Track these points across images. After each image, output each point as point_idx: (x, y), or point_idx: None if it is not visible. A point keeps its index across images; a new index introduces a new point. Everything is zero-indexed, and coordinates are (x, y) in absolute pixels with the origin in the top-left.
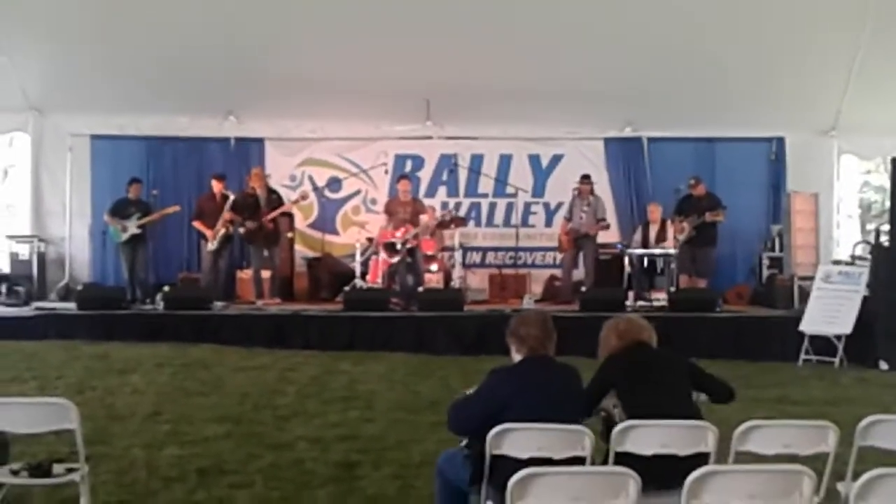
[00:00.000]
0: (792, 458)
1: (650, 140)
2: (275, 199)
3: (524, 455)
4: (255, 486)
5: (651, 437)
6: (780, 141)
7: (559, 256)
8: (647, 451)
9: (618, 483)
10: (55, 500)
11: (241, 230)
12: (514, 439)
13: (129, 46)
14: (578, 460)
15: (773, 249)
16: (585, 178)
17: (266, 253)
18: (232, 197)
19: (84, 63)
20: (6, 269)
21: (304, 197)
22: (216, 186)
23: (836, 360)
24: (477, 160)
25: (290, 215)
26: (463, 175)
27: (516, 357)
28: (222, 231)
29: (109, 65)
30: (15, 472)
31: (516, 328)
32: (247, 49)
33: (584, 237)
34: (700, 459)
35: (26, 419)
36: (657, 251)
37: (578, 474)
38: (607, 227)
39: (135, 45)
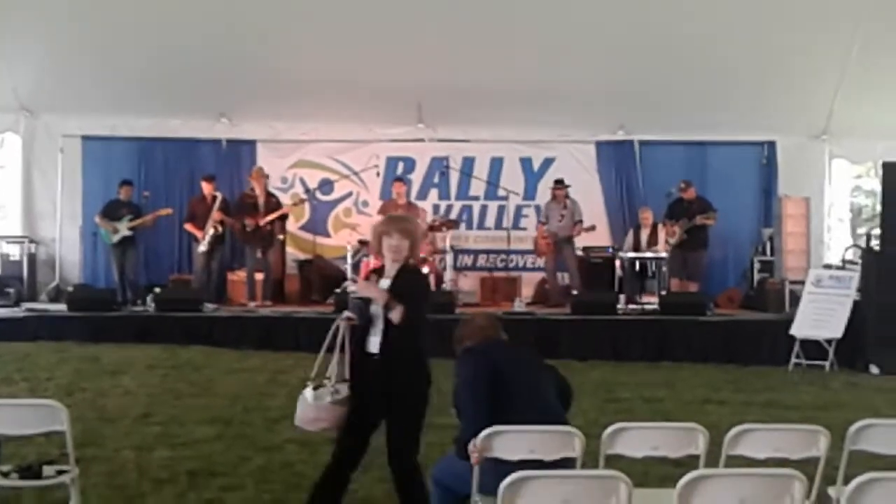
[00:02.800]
0: (783, 463)
1: (641, 143)
2: (273, 203)
3: (515, 457)
4: (245, 488)
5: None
6: (772, 145)
7: (541, 258)
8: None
9: (609, 486)
10: (45, 503)
11: (246, 225)
12: (505, 441)
13: (121, 47)
14: (569, 461)
15: (764, 253)
16: (559, 183)
17: (260, 255)
18: (220, 197)
19: (75, 64)
20: None
21: (301, 200)
22: (206, 188)
23: (827, 365)
24: (468, 163)
25: (283, 218)
26: (454, 178)
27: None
28: (211, 231)
29: (101, 66)
30: (5, 475)
31: (465, 328)
32: (239, 50)
33: (564, 240)
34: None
35: (16, 421)
36: (648, 255)
37: (569, 478)
38: (593, 228)
39: (126, 46)
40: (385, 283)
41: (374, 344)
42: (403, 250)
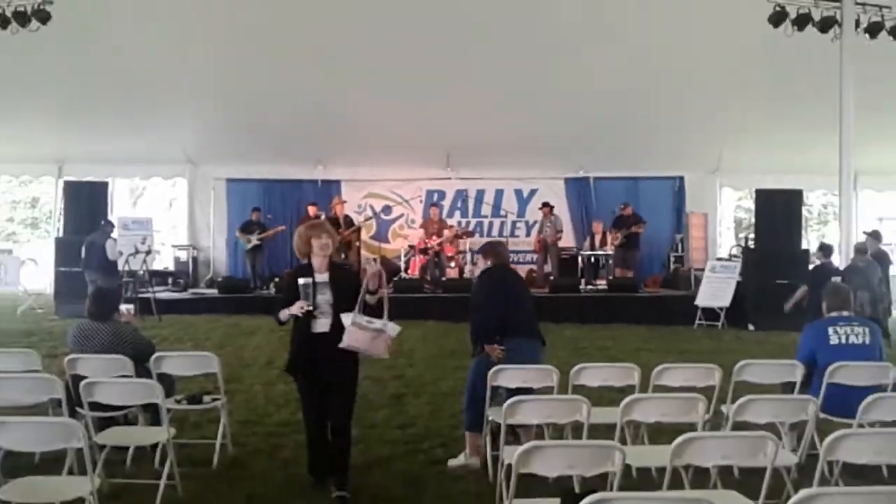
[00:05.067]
0: (691, 389)
1: (595, 178)
2: (349, 221)
3: (513, 385)
4: None
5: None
6: (681, 179)
7: (535, 256)
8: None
9: (576, 406)
10: (205, 420)
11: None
12: (507, 375)
13: (251, 120)
14: (549, 389)
15: (677, 250)
16: (545, 205)
17: (343, 256)
18: (322, 216)
19: (221, 131)
20: (172, 267)
21: (369, 219)
22: (311, 210)
23: (719, 324)
24: (480, 193)
25: (359, 231)
26: (471, 203)
27: (487, 263)
28: None
29: (238, 132)
30: (178, 402)
31: (496, 248)
32: (330, 120)
33: (550, 244)
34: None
35: (185, 366)
36: (600, 252)
37: (549, 400)
38: (561, 237)
39: (255, 119)
40: (322, 277)
41: (322, 325)
42: (330, 247)
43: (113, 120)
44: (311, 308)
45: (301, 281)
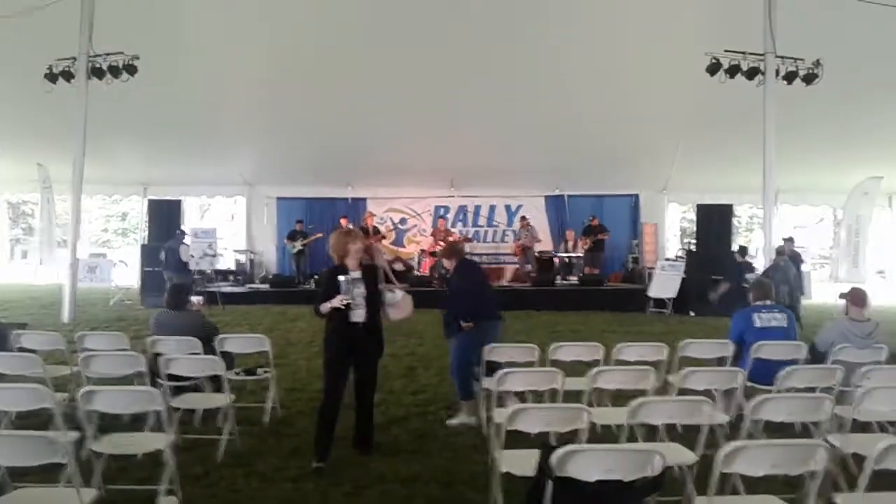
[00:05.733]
0: (644, 363)
1: (569, 196)
2: (376, 230)
3: (503, 360)
4: None
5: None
6: (636, 196)
7: (517, 258)
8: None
9: (552, 376)
10: (258, 388)
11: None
12: (496, 352)
13: (296, 149)
14: (532, 363)
15: (634, 253)
16: (523, 218)
17: (367, 258)
18: (353, 226)
19: (273, 157)
20: (233, 267)
21: (390, 230)
22: (343, 222)
23: (668, 311)
24: (478, 208)
25: (383, 238)
26: (470, 216)
27: (450, 263)
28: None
29: (287, 158)
30: (237, 374)
31: (454, 247)
32: (357, 149)
33: (527, 248)
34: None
35: (242, 346)
36: (572, 255)
37: (531, 372)
38: (539, 241)
39: (299, 148)
40: (356, 274)
41: (358, 316)
42: (362, 250)
43: (187, 150)
44: (350, 300)
45: (342, 278)
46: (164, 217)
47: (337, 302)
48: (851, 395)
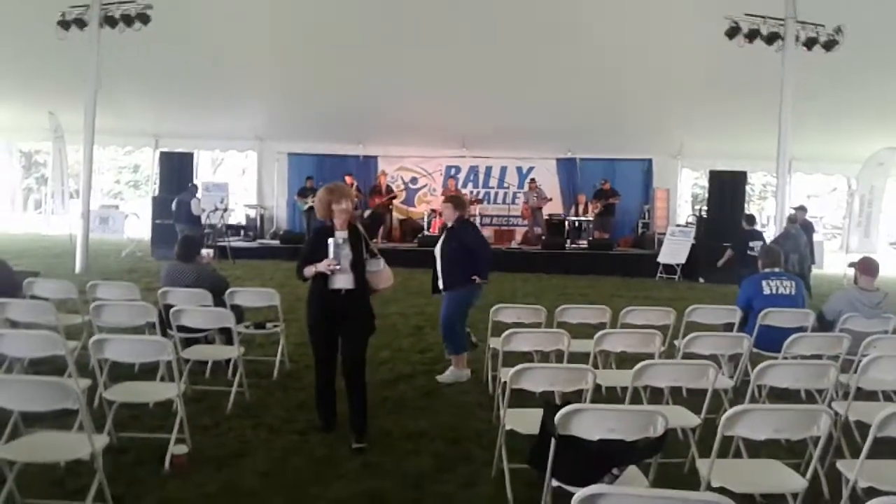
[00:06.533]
0: (650, 327)
1: (581, 159)
2: (388, 189)
3: (510, 321)
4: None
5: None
6: (650, 161)
7: (525, 221)
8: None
9: (559, 337)
10: (268, 342)
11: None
12: (505, 312)
13: (309, 104)
14: (539, 324)
15: (644, 218)
16: (532, 181)
17: (386, 216)
18: (355, 184)
19: (285, 112)
20: (244, 222)
21: (402, 189)
22: (348, 179)
23: (676, 277)
24: (489, 169)
25: (394, 197)
26: (481, 177)
27: (454, 214)
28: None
29: (298, 113)
30: (247, 327)
31: (464, 199)
32: (369, 107)
33: (537, 209)
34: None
35: (253, 299)
36: (583, 218)
37: (539, 333)
38: (550, 199)
39: (312, 104)
40: (342, 234)
41: (341, 281)
42: (350, 210)
43: (199, 103)
44: (338, 266)
45: (330, 240)
46: (176, 170)
47: (323, 266)
48: (857, 363)
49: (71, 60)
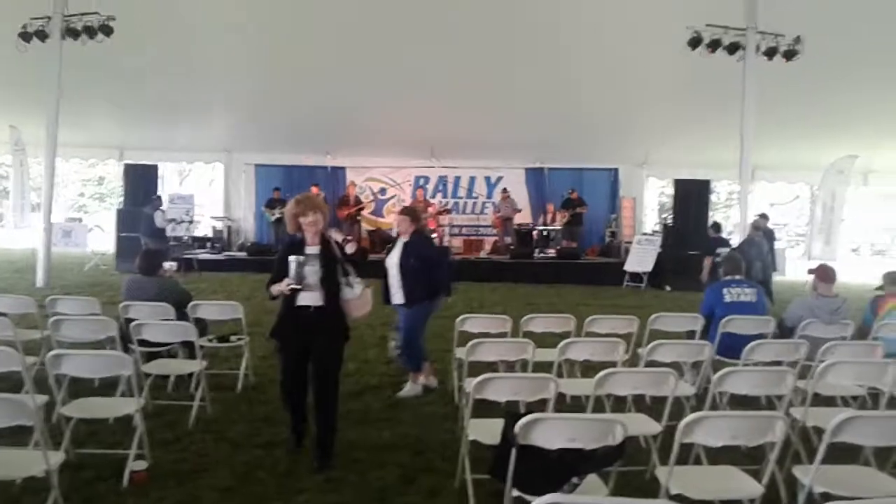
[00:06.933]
0: (614, 335)
1: (549, 169)
2: (357, 200)
3: (476, 331)
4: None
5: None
6: (616, 170)
7: (496, 230)
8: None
9: (524, 346)
10: (232, 355)
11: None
12: (472, 322)
13: (274, 117)
14: (504, 334)
15: (611, 227)
16: (504, 190)
17: (353, 226)
18: (322, 195)
19: (251, 125)
20: (210, 234)
21: (370, 200)
22: (314, 190)
23: (643, 285)
24: (457, 179)
25: (362, 208)
26: (450, 187)
27: (411, 227)
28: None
29: (265, 124)
30: (210, 340)
31: (421, 215)
32: (337, 117)
33: (507, 219)
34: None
35: (217, 312)
36: (551, 227)
37: (504, 342)
38: (520, 210)
39: (277, 116)
40: (313, 249)
41: (308, 298)
42: (320, 223)
43: (164, 115)
44: (298, 287)
45: (291, 258)
46: (141, 182)
47: (283, 286)
48: (815, 369)
49: (33, 73)
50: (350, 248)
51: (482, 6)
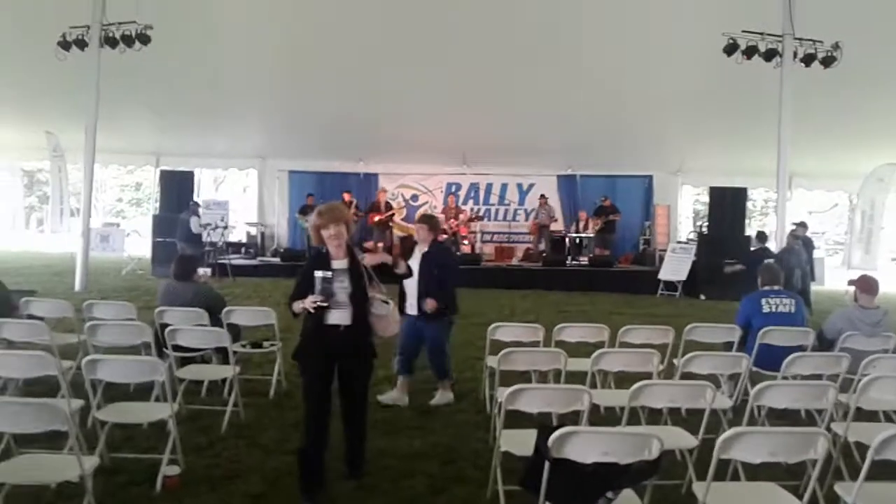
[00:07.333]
0: (649, 346)
1: (581, 176)
2: (388, 206)
3: (508, 339)
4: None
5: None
6: (650, 177)
7: (531, 237)
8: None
9: (556, 356)
10: (264, 361)
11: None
12: (503, 330)
13: (309, 124)
14: (536, 343)
15: (645, 234)
16: (542, 197)
17: (385, 233)
18: (354, 202)
19: (285, 132)
20: (244, 240)
21: (402, 207)
22: (346, 196)
23: (677, 294)
24: (489, 186)
25: (393, 215)
26: (482, 194)
27: (430, 236)
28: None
29: (299, 133)
30: (244, 346)
31: (439, 223)
32: (371, 125)
33: (544, 227)
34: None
35: (251, 318)
36: (583, 235)
37: (536, 352)
38: (555, 220)
39: (312, 124)
40: (340, 264)
41: (336, 316)
42: (343, 235)
43: (200, 123)
44: (325, 304)
45: (317, 274)
46: (176, 188)
47: (308, 303)
48: (857, 383)
49: (72, 80)
50: (401, 269)
51: (518, 14)
